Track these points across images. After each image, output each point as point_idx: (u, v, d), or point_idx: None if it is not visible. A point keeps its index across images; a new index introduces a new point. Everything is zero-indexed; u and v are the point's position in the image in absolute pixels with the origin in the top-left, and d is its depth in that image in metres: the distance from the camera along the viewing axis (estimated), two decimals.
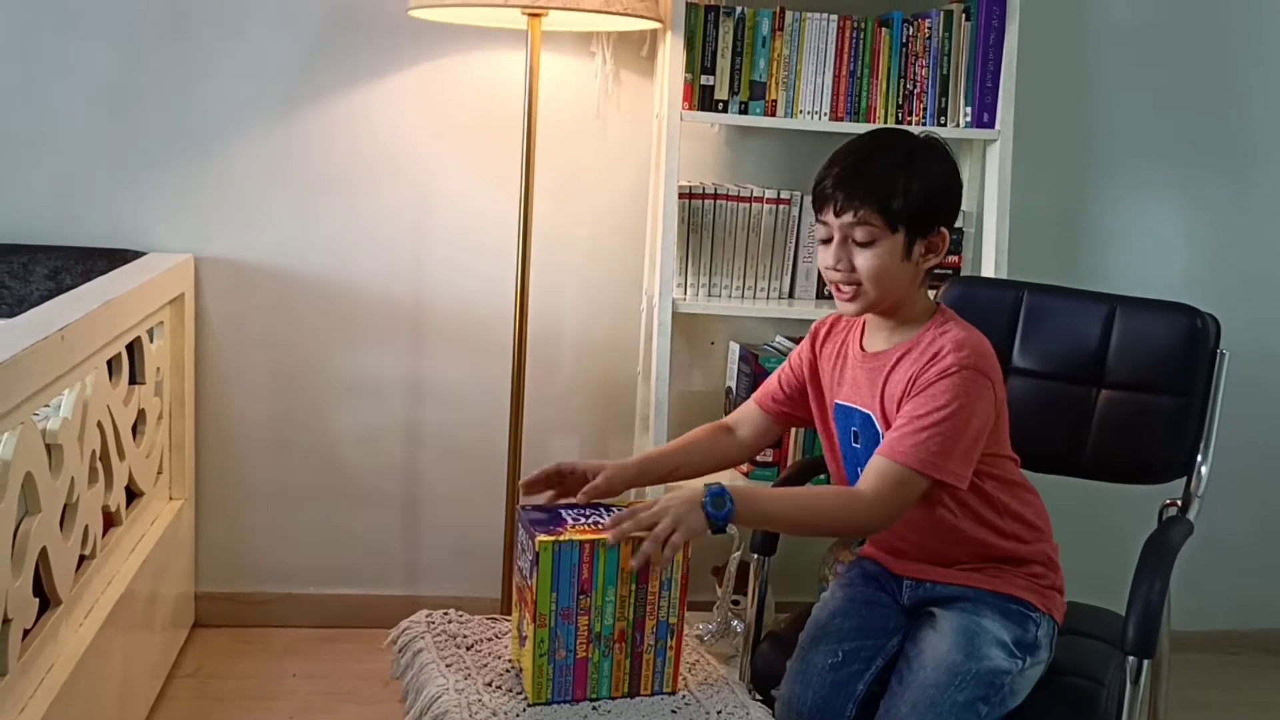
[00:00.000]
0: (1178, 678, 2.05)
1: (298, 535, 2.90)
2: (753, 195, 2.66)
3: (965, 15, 2.57)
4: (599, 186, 2.85)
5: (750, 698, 1.69)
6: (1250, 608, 3.12)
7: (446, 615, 1.85)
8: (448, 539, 2.94)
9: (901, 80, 2.56)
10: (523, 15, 2.42)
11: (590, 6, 2.30)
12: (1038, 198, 2.81)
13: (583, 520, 1.64)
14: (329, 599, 2.93)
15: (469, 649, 1.75)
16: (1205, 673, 2.92)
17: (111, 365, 2.24)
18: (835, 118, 2.56)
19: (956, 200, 1.79)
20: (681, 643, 1.65)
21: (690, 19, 2.51)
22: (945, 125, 2.58)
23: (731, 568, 2.64)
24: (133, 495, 2.43)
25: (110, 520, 2.27)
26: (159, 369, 2.56)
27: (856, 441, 1.81)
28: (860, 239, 1.71)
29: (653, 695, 1.64)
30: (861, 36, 2.54)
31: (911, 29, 2.56)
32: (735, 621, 2.66)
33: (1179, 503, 1.93)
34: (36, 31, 2.66)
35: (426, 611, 1.87)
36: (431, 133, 2.79)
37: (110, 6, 2.67)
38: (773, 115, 2.56)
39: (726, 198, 2.65)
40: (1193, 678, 2.76)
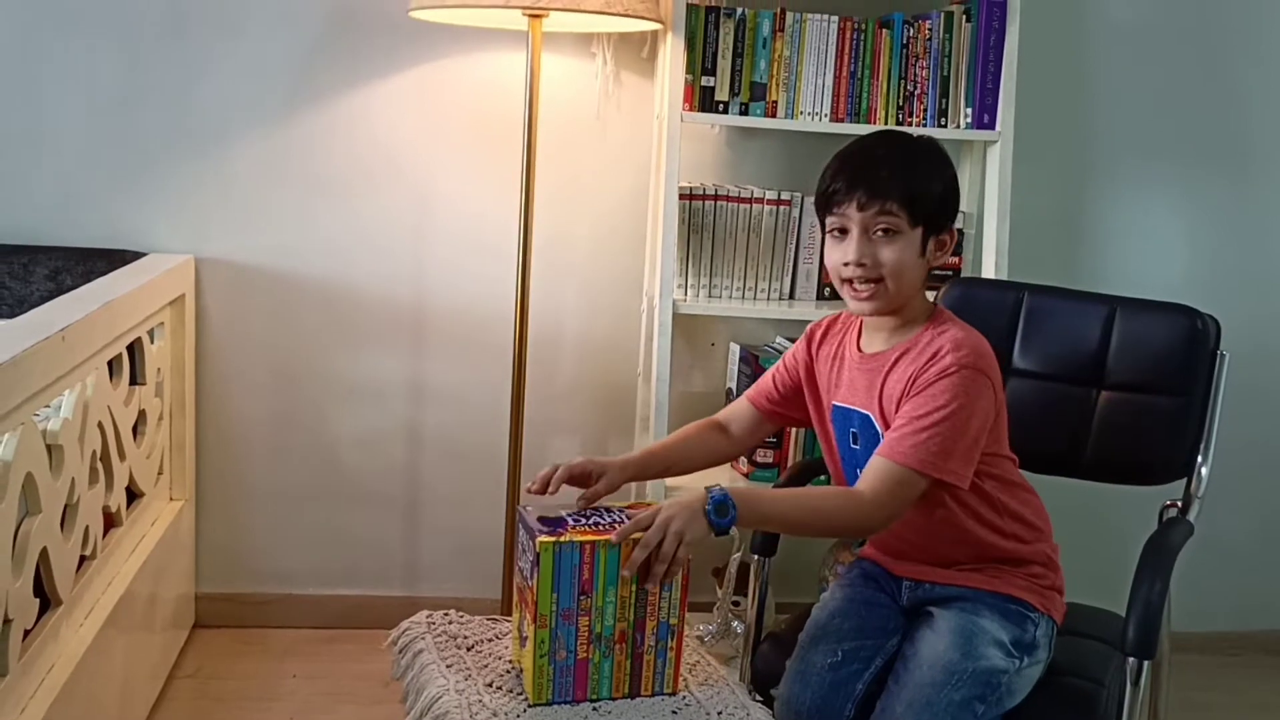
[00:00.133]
0: (1178, 679, 2.05)
1: (298, 536, 2.91)
2: (753, 196, 2.66)
3: (966, 16, 2.57)
4: (599, 187, 2.85)
5: (750, 698, 1.69)
6: (1250, 609, 3.12)
7: (447, 616, 1.85)
8: (448, 540, 2.94)
9: (902, 81, 2.56)
10: (523, 16, 2.42)
11: (591, 7, 2.31)
12: (1038, 199, 2.81)
13: (583, 521, 1.64)
14: (329, 600, 2.93)
15: (469, 650, 1.75)
16: (1205, 674, 2.92)
17: (112, 366, 2.24)
18: (836, 119, 2.56)
19: (959, 202, 1.82)
20: (682, 643, 1.66)
21: (691, 20, 2.51)
22: (946, 126, 2.58)
23: (732, 569, 2.64)
24: (133, 496, 2.43)
25: (111, 521, 2.27)
26: (159, 370, 2.56)
27: (855, 443, 1.81)
28: (883, 233, 1.71)
29: (653, 696, 1.64)
30: (862, 38, 2.55)
31: (912, 30, 2.56)
32: (735, 622, 2.66)
33: (1179, 504, 1.93)
34: (36, 32, 2.66)
35: (427, 612, 1.87)
36: (432, 134, 2.79)
37: (110, 7, 2.67)
38: (773, 116, 2.56)
39: (727, 199, 2.65)
40: (1193, 679, 2.76)
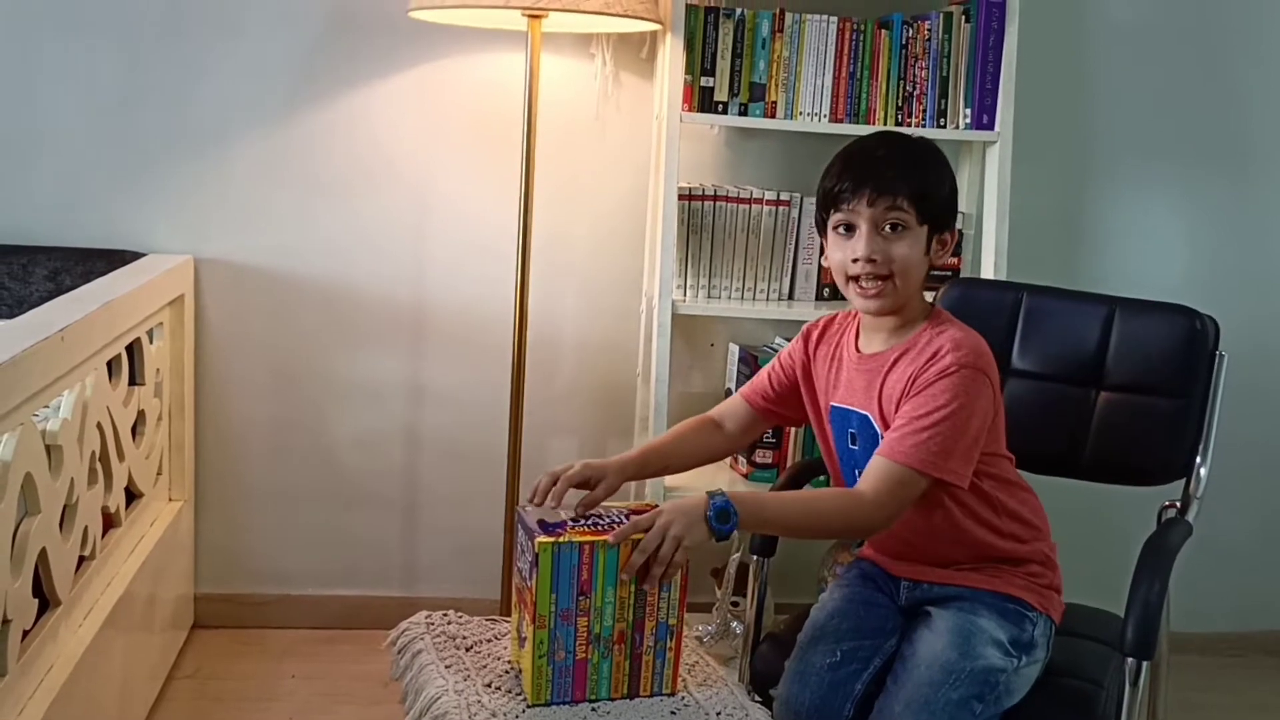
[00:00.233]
0: (1177, 680, 2.05)
1: (297, 537, 2.90)
2: (752, 197, 2.66)
3: (965, 17, 2.57)
4: (599, 188, 2.85)
5: (749, 699, 1.70)
6: (1250, 609, 3.12)
7: (446, 616, 1.85)
8: (447, 540, 2.94)
9: (901, 82, 2.56)
10: (523, 17, 2.42)
11: (590, 8, 2.31)
12: (1037, 199, 2.81)
13: (582, 522, 1.64)
14: (328, 600, 2.92)
15: (468, 650, 1.75)
16: (1205, 675, 2.92)
17: (111, 366, 2.24)
18: (835, 119, 2.55)
19: (958, 203, 1.83)
20: (681, 644, 1.66)
21: (690, 20, 2.51)
22: (945, 127, 2.58)
23: (731, 569, 2.64)
24: (132, 496, 2.42)
25: (110, 521, 2.27)
26: (158, 370, 2.56)
27: (854, 443, 1.81)
28: (892, 229, 1.72)
29: (652, 696, 1.64)
30: (861, 38, 2.54)
31: (911, 31, 2.56)
32: (734, 623, 2.66)
33: (1178, 504, 1.93)
34: (36, 32, 2.66)
35: (426, 613, 1.87)
36: (431, 134, 2.79)
37: (110, 7, 2.67)
38: (772, 117, 2.56)
39: (726, 199, 2.65)
40: (1192, 680, 2.76)
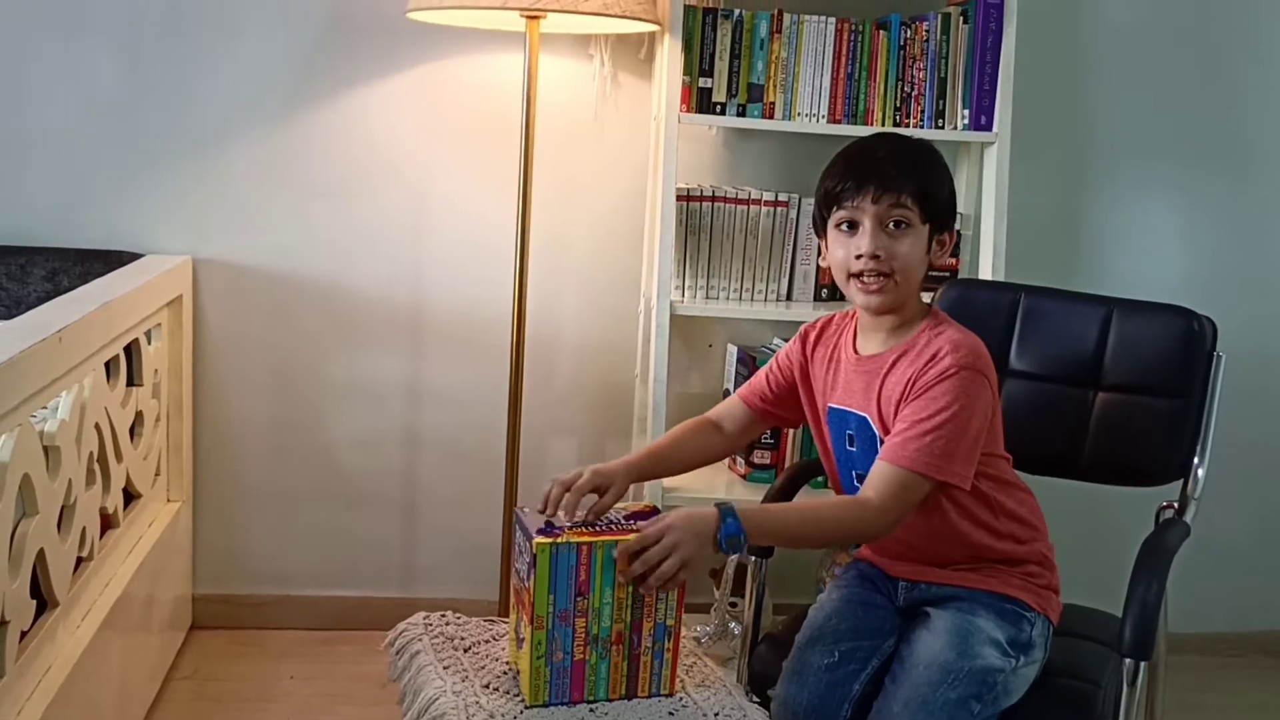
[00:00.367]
0: (1176, 680, 2.05)
1: (295, 537, 2.90)
2: (750, 197, 2.66)
3: (963, 18, 2.57)
4: (597, 189, 2.85)
5: (747, 699, 1.70)
6: (1249, 610, 3.12)
7: (444, 617, 1.85)
8: (445, 541, 2.94)
9: (899, 83, 2.56)
10: (521, 17, 2.42)
11: (588, 9, 2.31)
12: (1035, 200, 2.81)
13: (580, 523, 1.64)
14: (327, 601, 2.92)
15: (466, 651, 1.76)
16: (1204, 675, 2.92)
17: (109, 367, 2.24)
18: (833, 120, 2.55)
19: (957, 204, 1.84)
20: (679, 645, 1.66)
21: (688, 21, 2.51)
22: (943, 128, 2.58)
23: (729, 570, 2.64)
24: (130, 497, 2.42)
25: (108, 522, 2.27)
26: (157, 371, 2.56)
27: (852, 445, 1.81)
28: (896, 226, 1.72)
29: (650, 697, 1.64)
30: (859, 39, 2.54)
31: (909, 32, 2.56)
32: (733, 623, 2.66)
33: (1176, 505, 1.93)
34: (34, 32, 2.66)
35: (424, 613, 1.87)
36: (430, 135, 2.79)
37: (109, 8, 2.67)
38: (771, 118, 2.56)
39: (724, 200, 2.65)
40: (1191, 680, 2.76)
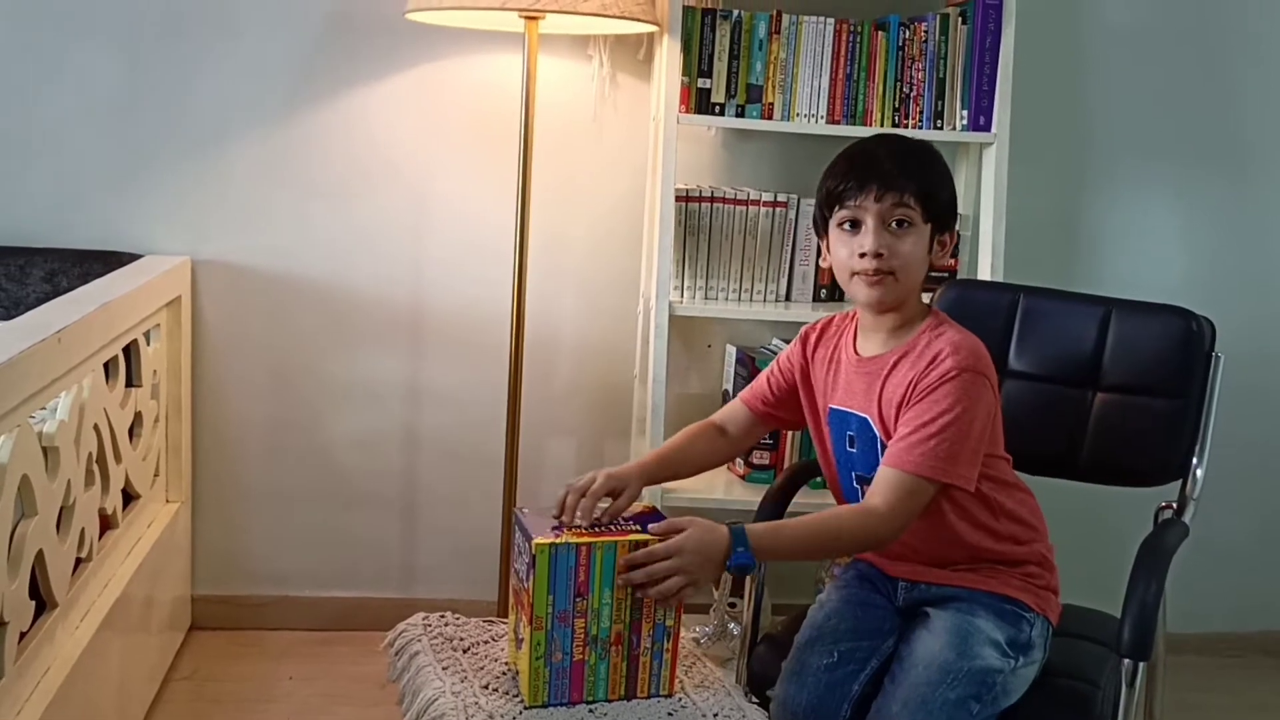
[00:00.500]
0: (1175, 680, 2.05)
1: (295, 538, 2.90)
2: (749, 198, 2.66)
3: (962, 18, 2.57)
4: (596, 189, 2.85)
5: (746, 700, 1.70)
6: (1249, 610, 3.12)
7: (443, 618, 1.85)
8: (445, 541, 2.94)
9: (898, 84, 2.56)
10: (520, 18, 2.42)
11: (587, 10, 2.31)
12: (1034, 200, 2.81)
13: (579, 524, 1.65)
14: (326, 602, 2.92)
15: (465, 652, 1.76)
16: (1203, 675, 2.92)
17: (108, 368, 2.24)
18: (832, 121, 2.56)
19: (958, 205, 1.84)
20: (678, 645, 1.66)
21: (687, 22, 2.51)
22: (942, 128, 2.58)
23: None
24: (129, 498, 2.42)
25: (107, 523, 2.27)
26: (156, 372, 2.56)
27: (852, 446, 1.81)
28: (898, 225, 1.72)
29: (649, 698, 1.65)
30: (858, 40, 2.54)
31: (908, 32, 2.56)
32: (732, 624, 2.66)
33: (1174, 505, 1.93)
34: (34, 33, 2.66)
35: (423, 614, 1.87)
36: (429, 135, 2.79)
37: (108, 8, 2.67)
38: (769, 118, 2.56)
39: (723, 200, 2.65)
40: (1190, 680, 2.76)
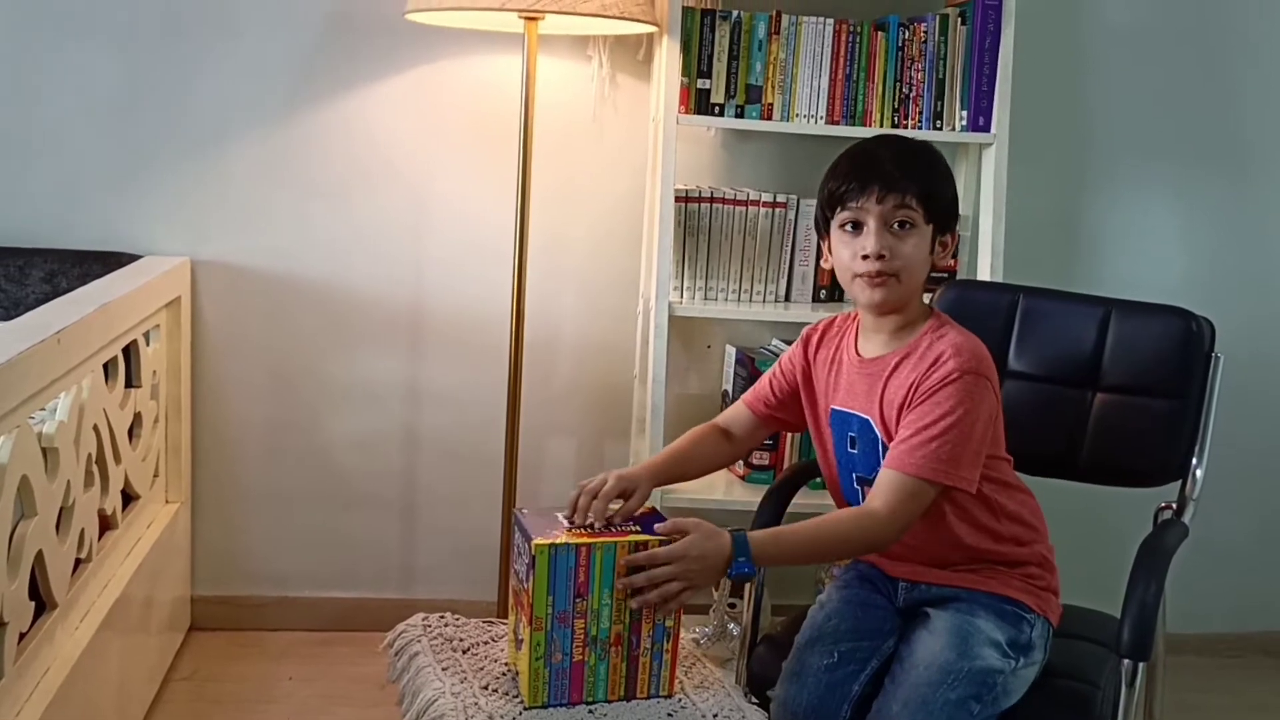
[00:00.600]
0: (1175, 681, 2.05)
1: (294, 539, 2.90)
2: (749, 199, 2.66)
3: (961, 19, 2.57)
4: (596, 190, 2.85)
5: (746, 700, 1.70)
6: (1248, 610, 3.12)
7: (443, 618, 1.85)
8: (444, 542, 2.94)
9: (898, 84, 2.56)
10: (519, 19, 2.42)
11: (587, 10, 2.31)
12: (1034, 201, 2.81)
13: (578, 524, 1.65)
14: (325, 602, 2.92)
15: (465, 652, 1.76)
16: (1202, 676, 2.92)
17: (108, 368, 2.24)
18: (831, 121, 2.56)
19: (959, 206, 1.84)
20: (677, 646, 1.66)
21: (686, 22, 2.51)
22: (941, 129, 2.58)
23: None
24: (129, 498, 2.42)
25: (106, 523, 2.27)
26: (155, 372, 2.56)
27: (853, 447, 1.81)
28: (900, 226, 1.72)
29: (649, 698, 1.65)
30: (857, 40, 2.55)
31: (907, 33, 2.56)
32: (731, 624, 2.66)
33: (1174, 506, 1.93)
34: (33, 33, 2.66)
35: (423, 615, 1.87)
36: (429, 136, 2.79)
37: (108, 8, 2.67)
38: (769, 119, 2.56)
39: (723, 201, 2.65)
40: (1190, 681, 2.76)
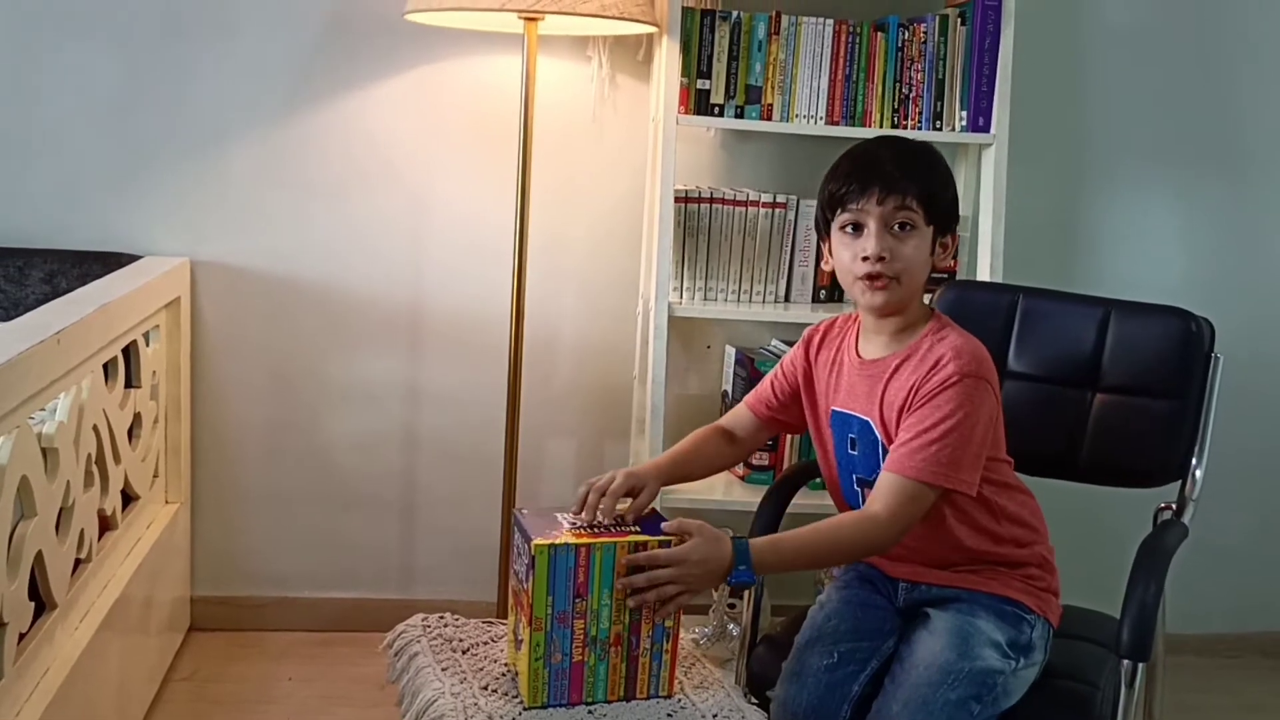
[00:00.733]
0: (1174, 681, 2.05)
1: (294, 539, 2.90)
2: (749, 199, 2.66)
3: (961, 19, 2.57)
4: (595, 190, 2.85)
5: (746, 701, 1.70)
6: (1247, 611, 3.12)
7: (442, 619, 1.85)
8: (444, 542, 2.94)
9: (897, 84, 2.56)
10: (519, 19, 2.42)
11: (586, 10, 2.31)
12: (1033, 201, 2.81)
13: (579, 524, 1.64)
14: (325, 603, 2.92)
15: (465, 653, 1.76)
16: (1202, 676, 2.92)
17: (107, 369, 2.24)
18: (831, 122, 2.56)
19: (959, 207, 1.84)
20: (677, 646, 1.66)
21: (686, 23, 2.51)
22: (941, 129, 2.58)
23: None
24: (128, 499, 2.42)
25: (106, 524, 2.27)
26: (155, 373, 2.56)
27: (853, 448, 1.81)
28: (901, 228, 1.72)
29: (648, 699, 1.65)
30: (857, 41, 2.55)
31: (907, 33, 2.56)
32: (731, 625, 2.66)
33: (1174, 506, 1.93)
34: (32, 33, 2.66)
35: (422, 615, 1.87)
36: (428, 136, 2.79)
37: (107, 9, 2.67)
38: (769, 119, 2.56)
39: (722, 201, 2.65)
40: (1189, 681, 2.76)
